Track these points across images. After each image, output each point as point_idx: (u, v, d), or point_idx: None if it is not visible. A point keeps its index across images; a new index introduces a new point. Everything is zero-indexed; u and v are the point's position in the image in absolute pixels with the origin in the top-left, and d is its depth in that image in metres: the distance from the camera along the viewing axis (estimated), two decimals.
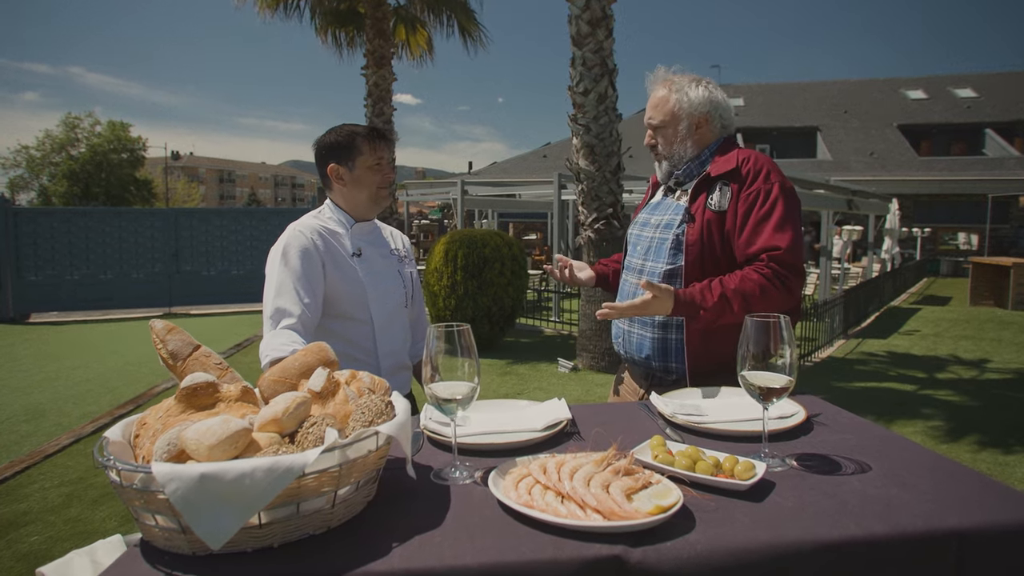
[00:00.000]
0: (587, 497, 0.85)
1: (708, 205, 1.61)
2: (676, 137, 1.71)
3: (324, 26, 10.62)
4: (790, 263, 1.51)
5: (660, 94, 1.73)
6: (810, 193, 9.13)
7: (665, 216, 1.73)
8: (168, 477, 0.75)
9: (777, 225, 1.53)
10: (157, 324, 1.15)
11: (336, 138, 1.77)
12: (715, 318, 1.49)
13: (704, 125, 1.70)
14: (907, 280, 14.76)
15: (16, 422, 5.00)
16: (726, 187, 1.61)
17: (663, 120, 1.71)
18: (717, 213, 1.60)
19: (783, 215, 1.54)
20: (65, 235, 10.80)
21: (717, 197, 1.61)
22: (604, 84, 6.16)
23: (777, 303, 1.50)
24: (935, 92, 25.35)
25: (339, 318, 1.77)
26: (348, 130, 1.78)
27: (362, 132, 1.78)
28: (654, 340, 1.69)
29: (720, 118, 1.72)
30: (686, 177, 1.73)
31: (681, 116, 1.69)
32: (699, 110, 1.69)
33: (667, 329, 1.67)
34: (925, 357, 7.19)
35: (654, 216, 1.77)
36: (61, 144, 38.77)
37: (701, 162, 1.71)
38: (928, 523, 0.86)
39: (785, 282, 1.51)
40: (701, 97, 1.69)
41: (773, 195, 1.55)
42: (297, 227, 1.76)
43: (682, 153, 1.72)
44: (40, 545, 2.98)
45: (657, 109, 1.72)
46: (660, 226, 1.72)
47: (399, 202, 15.97)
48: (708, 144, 1.72)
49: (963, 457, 4.01)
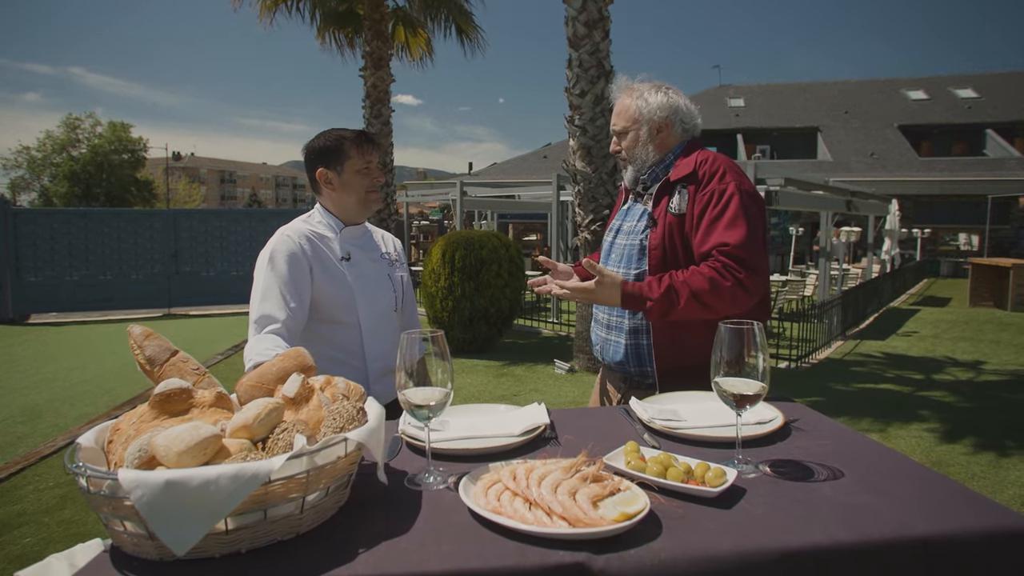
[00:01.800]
0: (553, 504, 0.86)
1: (669, 209, 1.64)
2: (638, 142, 1.74)
3: (323, 28, 10.64)
4: (741, 257, 1.51)
5: (623, 102, 1.77)
6: (808, 194, 9.12)
7: (633, 222, 1.77)
8: (134, 484, 0.76)
9: (729, 223, 1.54)
10: (135, 329, 1.16)
11: (324, 143, 1.78)
12: (664, 310, 1.50)
13: (665, 129, 1.73)
14: (907, 281, 14.75)
15: (13, 423, 5.01)
16: (684, 190, 1.64)
17: (625, 126, 1.75)
18: (677, 216, 1.62)
19: (736, 213, 1.54)
20: (65, 236, 10.82)
21: (677, 200, 1.64)
22: (601, 86, 6.17)
23: (730, 299, 1.50)
24: (936, 92, 25.32)
25: (327, 322, 1.77)
26: (336, 135, 1.78)
27: (350, 136, 1.78)
28: (627, 346, 1.74)
29: (681, 122, 1.74)
30: (651, 181, 1.76)
31: (641, 121, 1.73)
32: (658, 115, 1.72)
33: (639, 335, 1.72)
34: (923, 358, 7.18)
35: (625, 223, 1.81)
36: (62, 145, 38.86)
37: (665, 166, 1.74)
38: (895, 531, 0.86)
39: (736, 275, 1.50)
40: (660, 102, 1.72)
41: (727, 194, 1.56)
42: (285, 231, 1.76)
43: (644, 157, 1.75)
44: (33, 547, 2.99)
45: (620, 116, 1.77)
46: (629, 232, 1.76)
47: (399, 203, 16.01)
48: (671, 148, 1.75)
49: (959, 459, 4.01)
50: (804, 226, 19.34)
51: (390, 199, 9.44)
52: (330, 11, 10.42)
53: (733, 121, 25.13)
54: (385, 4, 9.57)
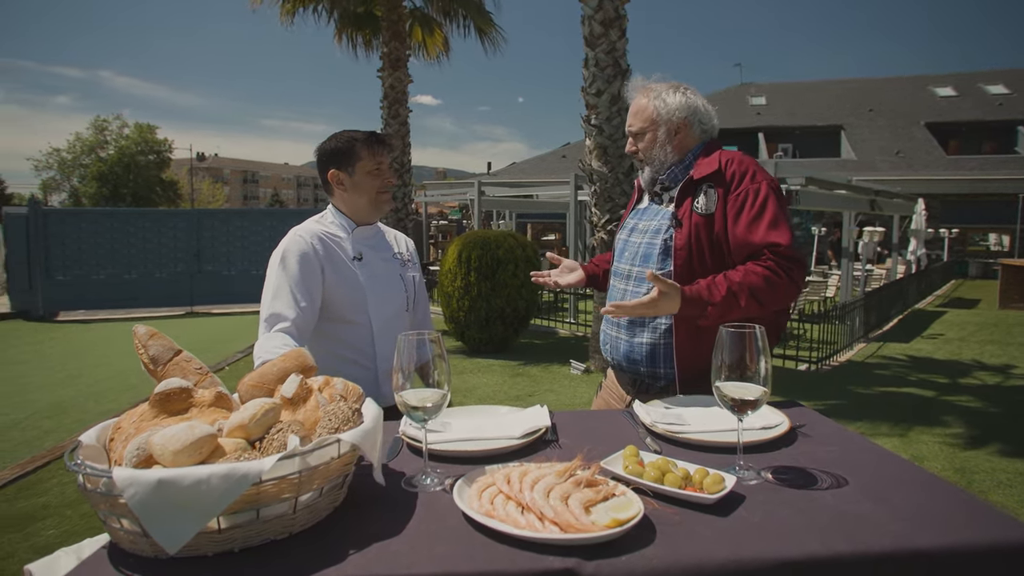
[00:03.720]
0: (545, 509, 0.85)
1: (695, 208, 1.62)
2: (656, 142, 1.72)
3: (341, 29, 10.73)
4: (790, 255, 1.53)
5: (640, 102, 1.75)
6: (830, 194, 8.95)
7: (653, 222, 1.74)
8: (127, 482, 0.77)
9: (771, 223, 1.55)
10: (140, 329, 1.18)
11: (336, 144, 1.80)
12: (722, 313, 1.48)
13: (683, 130, 1.72)
14: (933, 282, 14.41)
15: (39, 418, 5.15)
16: (711, 190, 1.62)
17: (642, 127, 1.74)
18: (704, 216, 1.61)
19: (775, 212, 1.56)
20: (92, 236, 11.09)
21: (703, 200, 1.62)
22: (617, 85, 6.13)
23: (783, 293, 1.53)
24: (965, 89, 24.68)
25: (338, 322, 1.78)
26: (348, 136, 1.80)
27: (361, 138, 1.80)
28: (643, 345, 1.69)
29: (699, 123, 1.73)
30: (671, 182, 1.74)
31: (660, 122, 1.71)
32: (677, 115, 1.70)
33: (656, 334, 1.67)
34: (948, 362, 7.01)
35: (641, 222, 1.79)
36: (91, 146, 39.85)
37: (685, 167, 1.72)
38: (896, 543, 0.84)
39: (789, 273, 1.52)
40: (679, 103, 1.71)
41: (762, 194, 1.57)
42: (298, 232, 1.78)
43: (663, 158, 1.73)
44: (56, 539, 3.06)
45: (636, 116, 1.75)
46: (648, 231, 1.73)
47: (417, 203, 16.10)
48: (690, 149, 1.74)
49: (984, 466, 3.90)
50: (827, 226, 19.00)
51: (408, 199, 9.49)
52: (348, 13, 10.50)
53: (754, 120, 24.78)
54: (403, 5, 9.63)
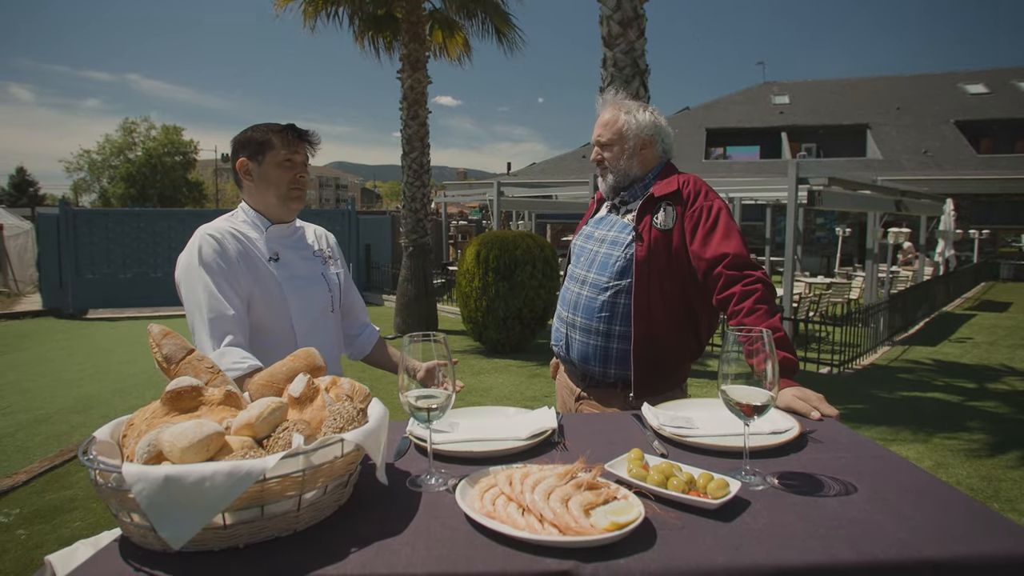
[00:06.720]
0: (545, 511, 0.85)
1: (654, 224, 1.77)
2: (623, 155, 1.85)
3: (361, 32, 10.82)
4: (742, 261, 1.67)
5: (610, 114, 1.87)
6: (854, 194, 8.77)
7: (610, 232, 1.86)
8: (135, 478, 0.79)
9: (724, 235, 1.71)
10: (154, 329, 1.20)
11: (251, 133, 1.68)
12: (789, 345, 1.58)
13: (648, 147, 1.86)
14: (963, 284, 14.06)
15: (68, 413, 5.30)
16: (670, 207, 1.77)
17: (611, 138, 1.85)
18: (663, 231, 1.76)
19: (727, 226, 1.72)
20: (119, 235, 11.37)
21: (662, 217, 1.77)
22: (635, 85, 6.08)
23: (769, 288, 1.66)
24: (997, 86, 24.02)
25: (258, 330, 1.62)
26: (266, 126, 1.69)
27: (278, 129, 1.68)
28: (596, 347, 1.81)
29: (662, 142, 1.87)
30: (631, 198, 1.87)
31: (628, 136, 1.84)
32: (645, 132, 1.84)
33: (610, 339, 1.79)
34: (976, 366, 6.83)
35: (598, 230, 1.91)
36: (119, 148, 40.83)
37: (645, 185, 1.86)
38: (902, 552, 0.82)
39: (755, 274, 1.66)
40: (647, 121, 1.85)
41: (715, 211, 1.74)
42: (207, 230, 1.61)
43: (627, 170, 1.85)
44: (82, 531, 3.15)
45: (607, 128, 1.86)
46: (605, 241, 1.85)
47: (437, 203, 16.18)
48: (651, 167, 1.88)
49: (1010, 475, 3.80)
50: (852, 226, 18.63)
51: (426, 199, 9.54)
52: (368, 16, 10.58)
53: (777, 119, 24.42)
54: (422, 7, 9.67)
